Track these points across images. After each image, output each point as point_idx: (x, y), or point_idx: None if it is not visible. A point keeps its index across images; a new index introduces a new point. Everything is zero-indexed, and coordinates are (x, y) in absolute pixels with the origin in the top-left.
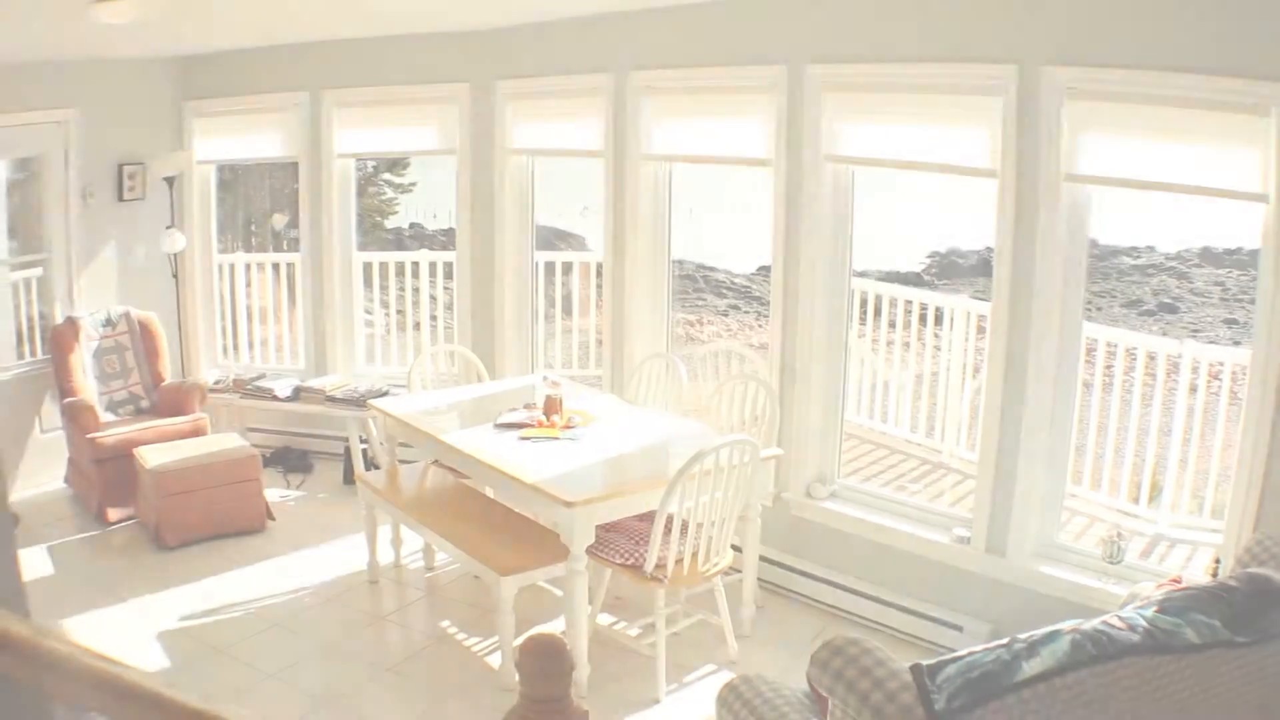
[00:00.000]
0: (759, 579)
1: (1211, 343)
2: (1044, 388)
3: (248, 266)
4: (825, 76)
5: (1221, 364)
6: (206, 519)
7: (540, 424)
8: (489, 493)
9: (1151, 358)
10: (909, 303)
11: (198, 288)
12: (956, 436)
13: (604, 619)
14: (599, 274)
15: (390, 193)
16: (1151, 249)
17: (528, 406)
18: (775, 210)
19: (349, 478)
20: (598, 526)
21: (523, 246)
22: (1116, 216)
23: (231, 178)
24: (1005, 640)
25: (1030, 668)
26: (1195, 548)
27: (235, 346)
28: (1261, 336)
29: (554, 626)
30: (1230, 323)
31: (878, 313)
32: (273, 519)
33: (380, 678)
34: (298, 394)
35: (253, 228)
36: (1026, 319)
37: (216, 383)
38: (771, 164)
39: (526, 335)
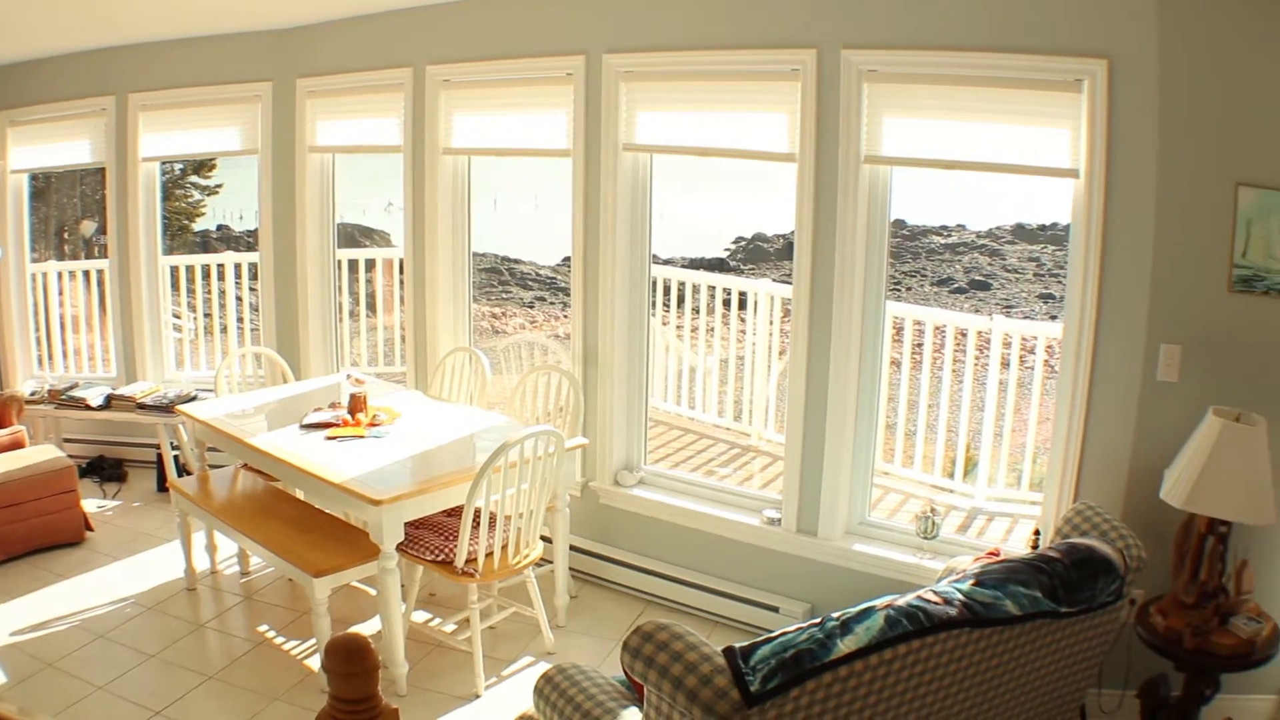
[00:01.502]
0: (571, 569)
1: (1027, 318)
2: (848, 368)
3: (60, 275)
4: (623, 65)
5: (1035, 338)
6: (27, 533)
7: (346, 423)
8: (299, 494)
9: (962, 334)
10: (712, 288)
11: (12, 299)
12: (764, 419)
13: (420, 616)
14: (403, 270)
15: (197, 195)
16: (963, 227)
17: (333, 406)
18: (575, 200)
19: (162, 485)
20: (407, 524)
21: (324, 245)
22: (927, 197)
23: (44, 186)
24: (818, 619)
25: (845, 645)
26: (1015, 520)
27: (50, 356)
28: (1074, 310)
29: (371, 626)
30: (1047, 298)
31: (681, 300)
32: (91, 530)
33: (206, 686)
34: (110, 402)
35: (65, 235)
36: (828, 300)
37: (33, 394)
38: (571, 154)
39: (330, 334)
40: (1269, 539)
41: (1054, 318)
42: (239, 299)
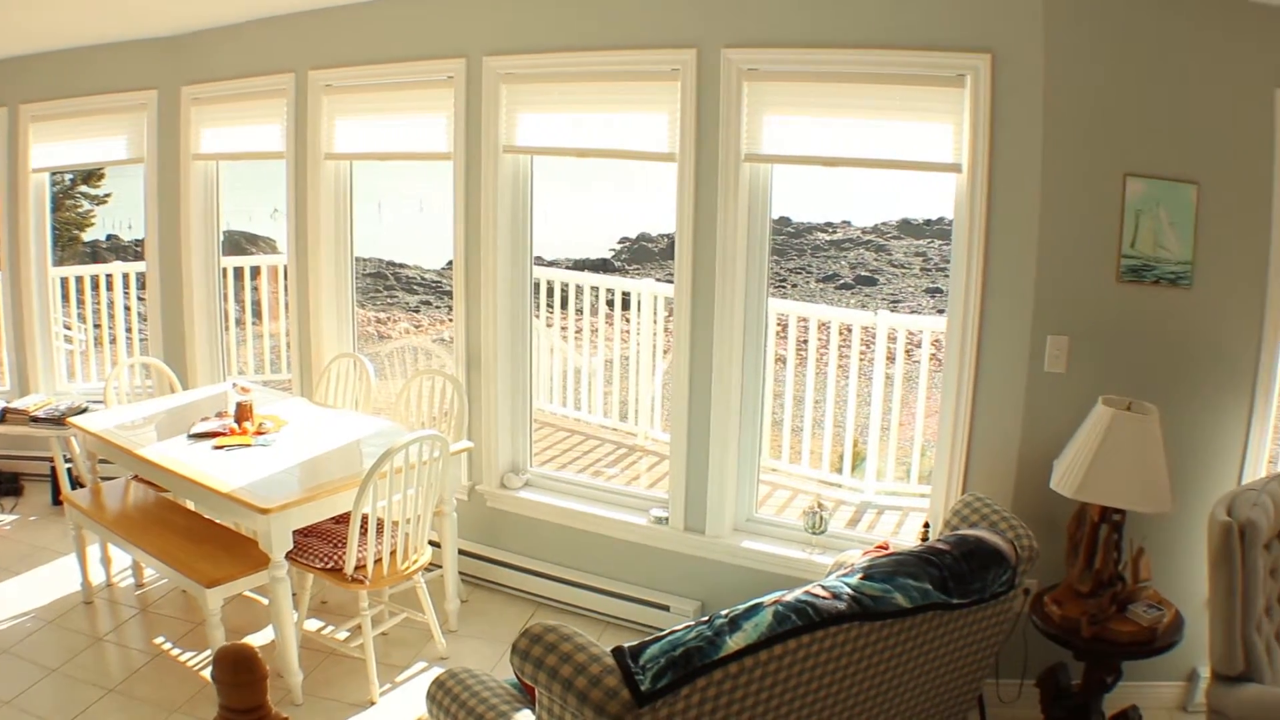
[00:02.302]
0: (461, 573)
1: (914, 312)
2: (731, 365)
3: None
4: (503, 68)
5: (920, 333)
6: None
7: (233, 432)
8: (190, 505)
9: (848, 330)
10: (595, 289)
11: None
12: (650, 419)
13: (313, 624)
14: (288, 276)
15: (87, 205)
16: (848, 223)
17: (220, 415)
18: (456, 204)
19: (57, 498)
20: (296, 532)
21: (209, 252)
22: (812, 194)
23: None
24: (706, 617)
25: (734, 642)
26: (906, 513)
27: None
28: (957, 304)
29: (265, 635)
30: (934, 292)
31: (565, 301)
32: None
33: (107, 699)
34: (3, 415)
35: None
36: (710, 299)
37: None
38: (452, 157)
39: (217, 342)
40: (1167, 526)
41: (941, 312)
42: (128, 309)
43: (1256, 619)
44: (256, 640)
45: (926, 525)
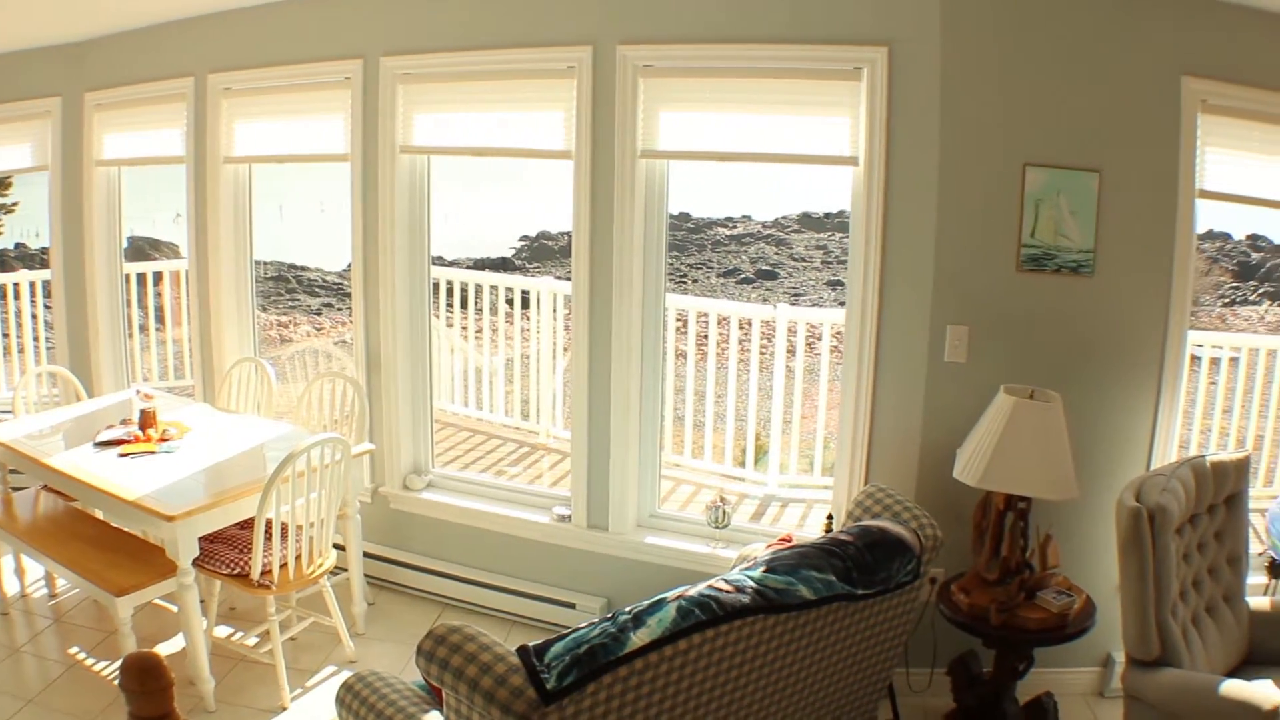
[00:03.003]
0: (367, 575)
1: (815, 305)
2: (630, 362)
3: None
4: (400, 68)
5: (821, 325)
6: None
7: (137, 439)
8: (99, 514)
9: (748, 324)
10: (495, 288)
11: None
12: (552, 417)
13: (223, 631)
14: (189, 281)
15: None
16: (749, 218)
17: (125, 422)
18: (354, 205)
19: None
20: (203, 538)
21: (113, 259)
22: (712, 189)
23: None
24: (611, 614)
25: (638, 638)
26: (810, 505)
27: None
28: (856, 296)
29: (176, 643)
30: (835, 284)
31: (465, 301)
32: None
33: (26, 710)
34: None
35: None
36: (608, 295)
37: None
38: (350, 158)
39: (121, 350)
40: (1076, 513)
41: (843, 304)
42: (34, 317)
43: (1171, 603)
44: (168, 648)
45: (830, 517)
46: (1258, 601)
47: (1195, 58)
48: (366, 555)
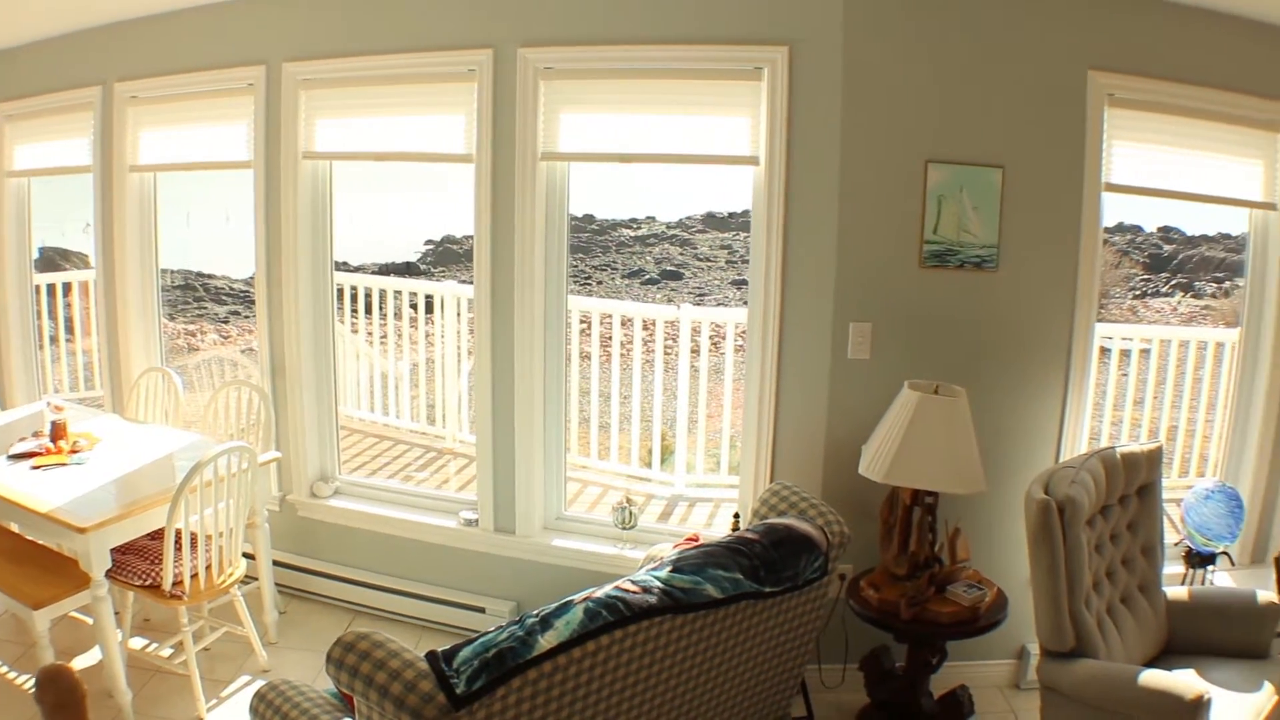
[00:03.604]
0: (278, 584)
1: (721, 305)
2: (533, 364)
3: None
4: (302, 74)
5: (725, 325)
6: None
7: (49, 451)
8: (15, 527)
9: (652, 325)
10: (399, 293)
11: None
12: (458, 421)
13: (138, 642)
14: (97, 291)
15: None
16: (653, 219)
17: (36, 434)
18: (257, 211)
19: None
20: (114, 550)
21: (23, 270)
22: (617, 190)
23: None
24: (518, 617)
25: (546, 641)
26: (718, 504)
27: None
28: (758, 295)
29: (94, 656)
30: (740, 283)
31: (369, 306)
32: None
33: None
34: None
35: None
36: (510, 298)
37: None
38: (253, 165)
39: (33, 361)
40: (986, 506)
41: (747, 303)
42: None
43: (1084, 594)
44: (86, 660)
45: (737, 516)
46: (1176, 591)
47: (1102, 52)
48: (276, 564)
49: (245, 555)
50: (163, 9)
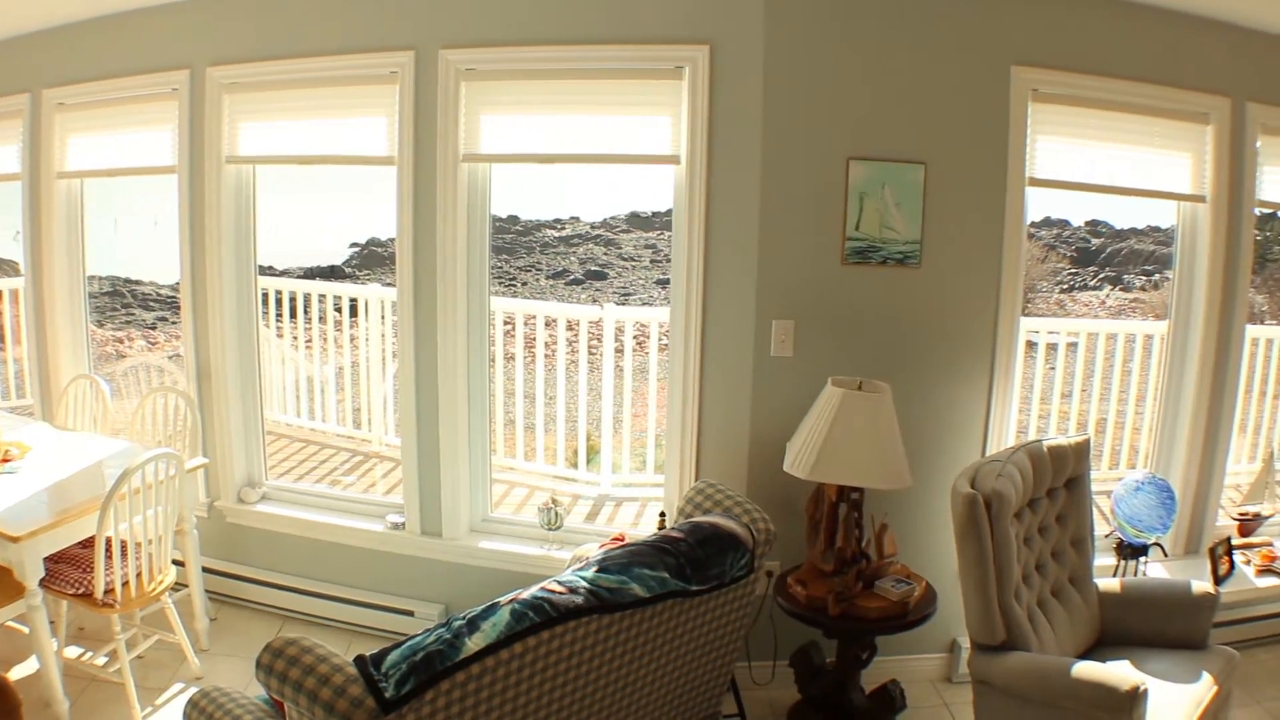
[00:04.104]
0: (208, 590)
1: (646, 304)
2: (456, 366)
3: None
4: (226, 78)
5: (649, 324)
6: None
7: None
8: None
9: (576, 325)
10: (323, 297)
11: None
12: (384, 424)
13: (74, 651)
14: (25, 298)
15: None
16: (577, 219)
17: None
18: (181, 217)
19: None
20: (47, 558)
21: None
22: (541, 191)
23: None
24: (445, 620)
25: (473, 643)
26: (645, 504)
27: None
28: (680, 293)
29: (31, 665)
30: (665, 283)
31: (294, 311)
32: None
33: None
34: None
35: None
36: (433, 300)
37: None
38: (177, 170)
39: None
40: (912, 501)
41: (670, 302)
42: None
43: (1014, 587)
44: (22, 670)
45: (663, 515)
46: (1108, 583)
47: (1026, 47)
48: (206, 570)
49: (175, 562)
50: (90, 15)
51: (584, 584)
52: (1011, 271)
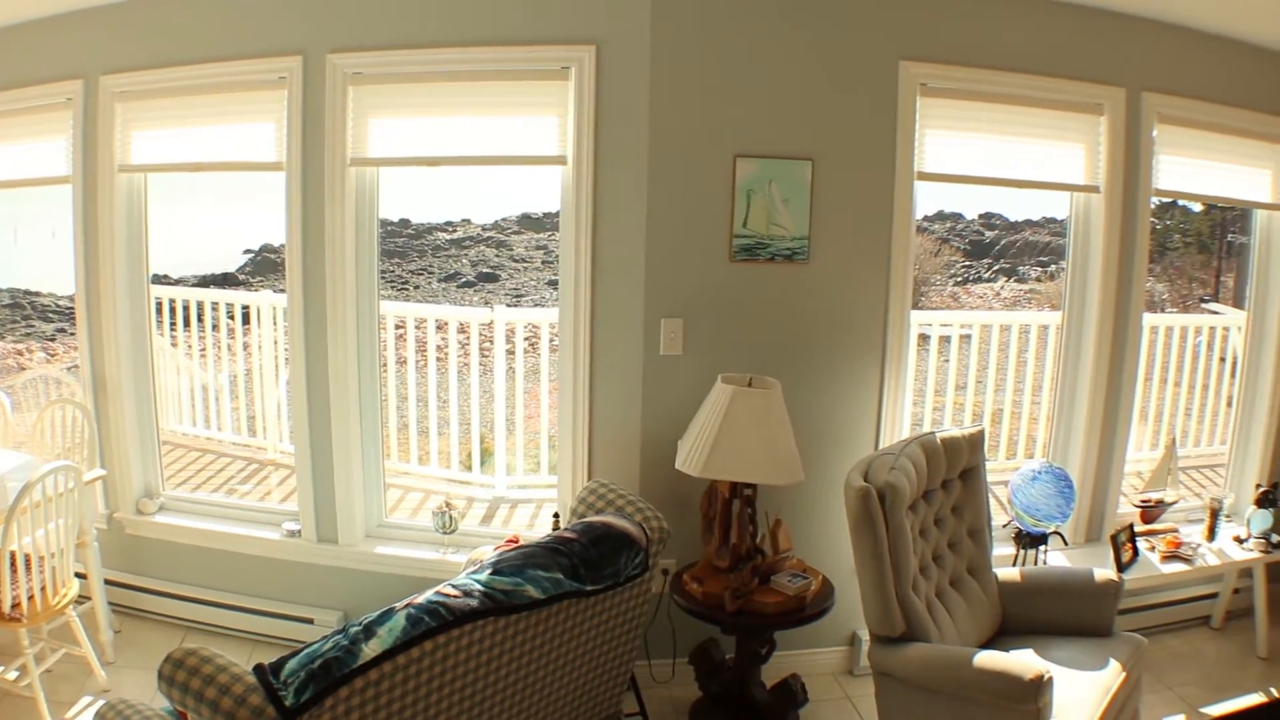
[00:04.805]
0: (112, 603)
1: (538, 305)
2: (347, 371)
3: None
4: (118, 86)
5: (540, 325)
6: None
7: None
8: None
9: (468, 327)
10: (216, 305)
11: None
12: (279, 432)
13: None
14: None
15: None
16: (468, 221)
17: None
18: (75, 226)
19: None
20: None
21: None
22: (432, 194)
23: None
24: (342, 627)
25: (370, 649)
26: (540, 505)
27: None
28: (569, 294)
29: None
30: (557, 283)
31: (188, 319)
32: None
33: None
34: None
35: None
36: (322, 305)
37: None
38: (71, 180)
39: None
40: (807, 495)
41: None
42: None
43: (911, 579)
44: None
45: (556, 516)
46: (1007, 572)
47: (914, 42)
48: (109, 583)
49: (78, 575)
50: None
51: (479, 587)
52: (901, 265)
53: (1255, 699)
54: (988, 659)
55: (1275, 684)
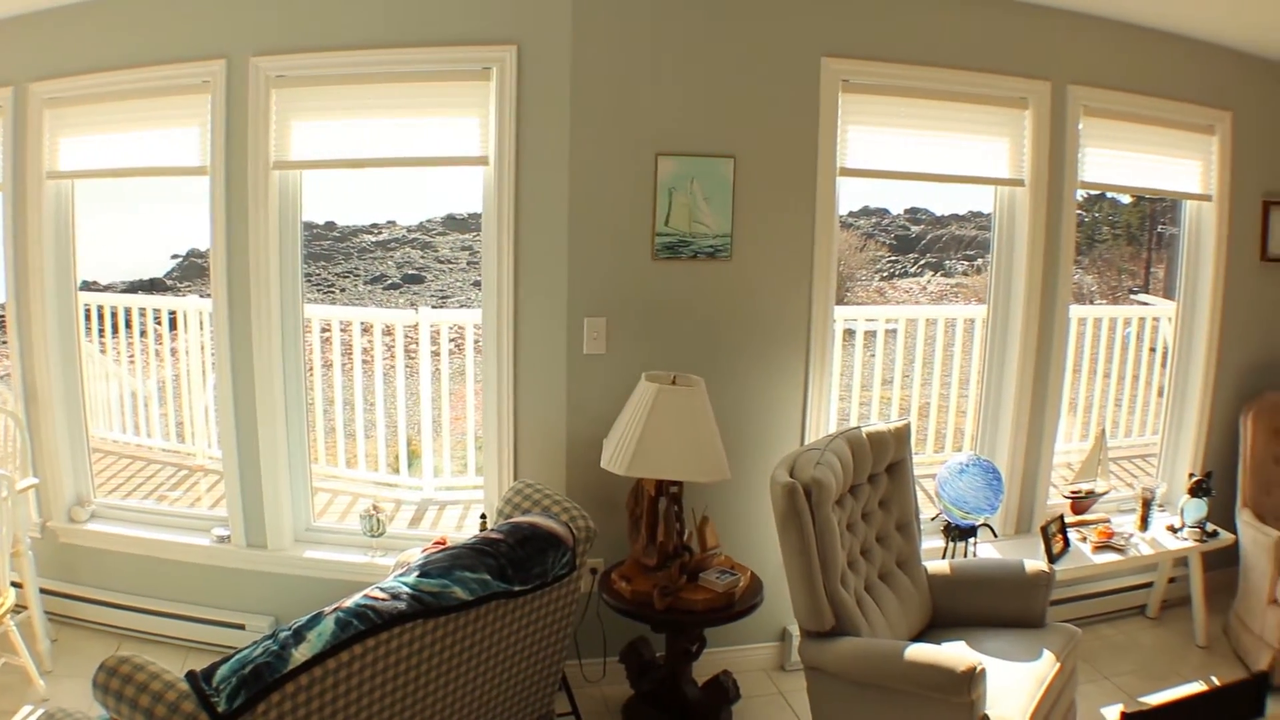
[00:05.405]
0: (48, 612)
1: (464, 306)
2: (272, 375)
3: None
4: (46, 93)
5: (464, 326)
6: None
7: None
8: None
9: (393, 329)
10: (143, 310)
11: None
12: (207, 437)
13: None
14: None
15: None
16: (394, 223)
17: None
18: (5, 234)
19: None
20: None
21: None
22: (358, 196)
23: None
24: (271, 632)
25: (299, 654)
26: (468, 506)
27: None
28: (491, 294)
29: None
30: (480, 284)
31: (116, 325)
32: None
33: None
34: None
35: None
36: (246, 310)
37: None
38: (2, 189)
39: None
40: (734, 492)
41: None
42: None
43: (840, 574)
44: None
45: (484, 517)
46: (937, 565)
47: (836, 38)
48: (44, 591)
49: (14, 584)
50: None
51: (406, 590)
52: (824, 261)
53: (1196, 687)
54: (919, 652)
55: (1215, 672)
